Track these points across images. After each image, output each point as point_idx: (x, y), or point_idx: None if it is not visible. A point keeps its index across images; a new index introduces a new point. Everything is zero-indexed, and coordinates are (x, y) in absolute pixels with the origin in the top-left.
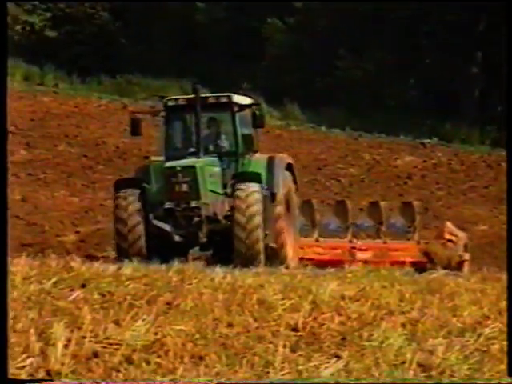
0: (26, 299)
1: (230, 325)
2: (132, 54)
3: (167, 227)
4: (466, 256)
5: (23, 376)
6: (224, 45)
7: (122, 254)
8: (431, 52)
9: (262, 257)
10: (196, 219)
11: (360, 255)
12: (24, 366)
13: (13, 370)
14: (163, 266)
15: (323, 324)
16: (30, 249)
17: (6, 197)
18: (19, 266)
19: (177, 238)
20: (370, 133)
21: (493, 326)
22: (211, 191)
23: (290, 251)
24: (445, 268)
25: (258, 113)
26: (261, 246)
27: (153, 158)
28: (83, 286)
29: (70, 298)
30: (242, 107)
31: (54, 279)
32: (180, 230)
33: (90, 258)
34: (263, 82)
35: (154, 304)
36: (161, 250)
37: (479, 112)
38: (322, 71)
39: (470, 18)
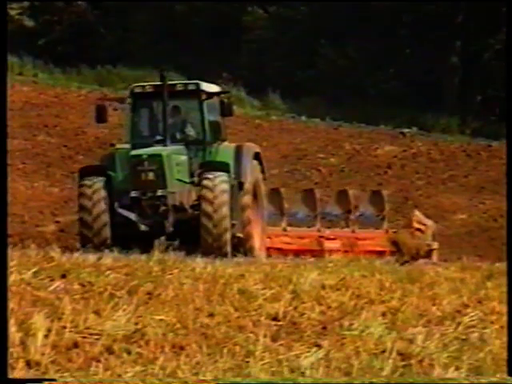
0: None
1: (210, 315)
2: (111, 44)
3: (133, 216)
4: (435, 245)
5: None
6: (204, 34)
7: (86, 243)
8: (411, 42)
9: (228, 247)
10: (162, 208)
11: (328, 244)
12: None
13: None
14: (143, 256)
15: (304, 313)
16: (9, 239)
17: (6, 197)
18: None
19: (142, 228)
20: (350, 123)
21: (472, 314)
22: (178, 180)
23: (256, 241)
24: (412, 257)
25: (226, 101)
26: (228, 236)
27: (118, 146)
28: (63, 276)
29: (50, 289)
30: (210, 95)
31: (33, 269)
32: (146, 220)
33: (70, 248)
34: (244, 72)
35: (135, 294)
36: (126, 239)
37: (459, 102)
38: (303, 61)
39: (449, 7)
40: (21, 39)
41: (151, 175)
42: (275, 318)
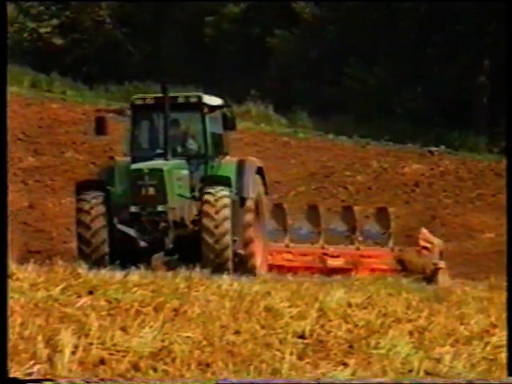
0: (33, 306)
1: (237, 332)
2: (139, 61)
3: (132, 232)
4: (442, 264)
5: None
6: (232, 52)
7: (84, 259)
8: (439, 61)
9: (230, 264)
10: (162, 224)
11: (331, 262)
12: (32, 373)
13: (21, 376)
14: (169, 273)
15: (330, 331)
16: (37, 255)
17: (7, 199)
18: (27, 273)
19: (142, 244)
20: (377, 141)
21: (500, 334)
22: (179, 195)
23: (258, 259)
24: (419, 276)
25: (229, 115)
26: (229, 252)
27: (118, 159)
28: (90, 292)
29: (78, 305)
30: (213, 108)
31: (61, 286)
32: (145, 236)
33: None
34: (271, 90)
35: (161, 311)
36: (124, 255)
37: (487, 120)
38: (330, 79)
39: (477, 27)
40: (50, 57)
41: (152, 190)
42: (302, 336)
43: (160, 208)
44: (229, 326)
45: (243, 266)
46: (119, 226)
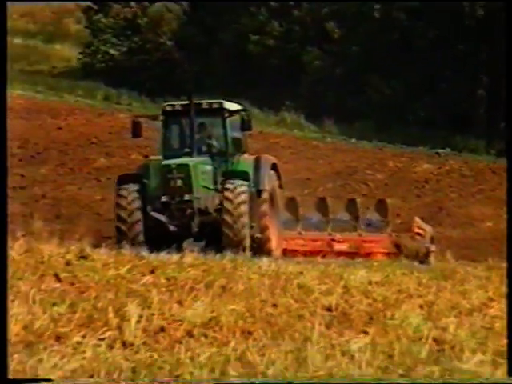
0: (105, 282)
1: (274, 305)
2: (193, 78)
3: (163, 218)
4: (432, 247)
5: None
6: (270, 69)
7: (121, 237)
8: (445, 76)
9: (247, 242)
10: (189, 211)
11: (338, 246)
12: (104, 338)
13: (94, 341)
14: (218, 256)
15: (353, 305)
16: (108, 241)
17: (6, 198)
18: (100, 255)
19: (171, 228)
20: (393, 144)
21: (497, 307)
22: (203, 187)
23: (273, 243)
24: (413, 258)
25: (246, 118)
26: (246, 232)
27: (152, 157)
28: (152, 272)
29: (141, 282)
30: (232, 113)
31: (128, 266)
32: (174, 221)
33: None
34: (303, 101)
35: (211, 287)
36: (156, 238)
37: (485, 126)
38: (353, 91)
39: (476, 48)
40: (119, 75)
41: (179, 182)
42: (329, 309)
43: (187, 197)
44: (267, 300)
45: (260, 249)
46: (152, 213)
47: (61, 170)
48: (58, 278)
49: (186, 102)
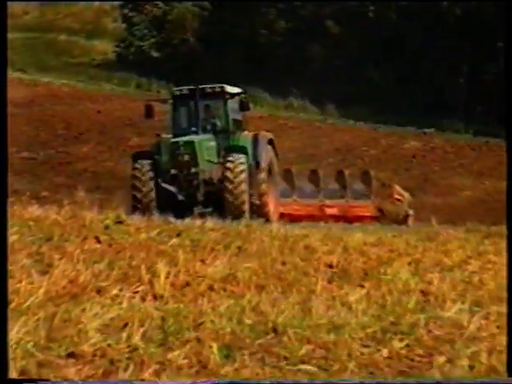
0: (137, 244)
1: (283, 263)
2: (212, 68)
3: (173, 189)
4: (411, 211)
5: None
6: (279, 61)
7: (136, 204)
8: (431, 67)
9: (246, 207)
10: (195, 182)
11: (328, 210)
12: (137, 291)
13: (129, 294)
14: (234, 222)
15: (351, 263)
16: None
17: (6, 198)
18: (133, 221)
19: (180, 197)
20: (385, 125)
21: (474, 263)
22: (207, 161)
23: (271, 208)
24: (393, 221)
25: (244, 100)
26: (245, 197)
27: (163, 136)
28: (178, 235)
29: (169, 244)
30: (232, 95)
31: (157, 230)
32: (183, 191)
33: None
34: (308, 88)
35: (229, 248)
36: (167, 206)
37: (465, 110)
38: (350, 80)
39: (459, 41)
40: (149, 66)
41: (186, 157)
42: (330, 266)
43: (193, 170)
44: (277, 259)
45: (259, 212)
46: (163, 185)
47: (100, 148)
48: (98, 240)
49: (192, 87)
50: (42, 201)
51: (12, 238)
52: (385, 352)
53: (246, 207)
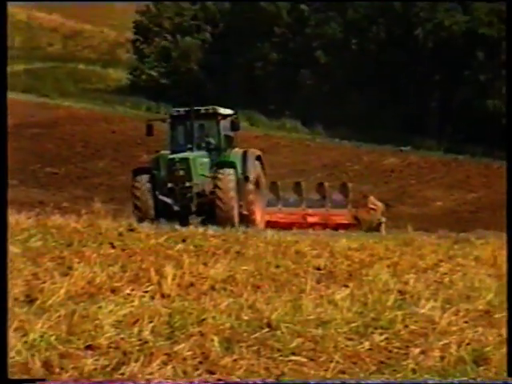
0: (147, 249)
1: (277, 266)
2: (214, 93)
3: (169, 200)
4: (383, 219)
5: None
6: (273, 87)
7: (137, 212)
8: (407, 92)
9: (236, 215)
10: (189, 195)
11: (310, 219)
12: (147, 291)
13: (140, 293)
14: (233, 229)
15: (337, 265)
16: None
17: (6, 198)
18: (143, 228)
19: (176, 208)
20: (367, 143)
21: (445, 266)
22: (201, 175)
23: (258, 217)
24: (368, 228)
25: (235, 120)
26: (234, 205)
27: (161, 152)
28: (183, 241)
29: (175, 249)
30: (224, 116)
31: (165, 236)
32: (178, 203)
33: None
34: (299, 111)
35: (228, 253)
36: (164, 216)
37: (437, 130)
38: (336, 104)
39: (430, 69)
40: (158, 91)
41: (182, 172)
42: (318, 269)
43: (187, 184)
44: (271, 262)
45: (247, 220)
46: (160, 197)
47: (114, 164)
48: (112, 246)
49: (188, 108)
50: (62, 211)
51: (37, 243)
52: (366, 344)
53: (236, 215)
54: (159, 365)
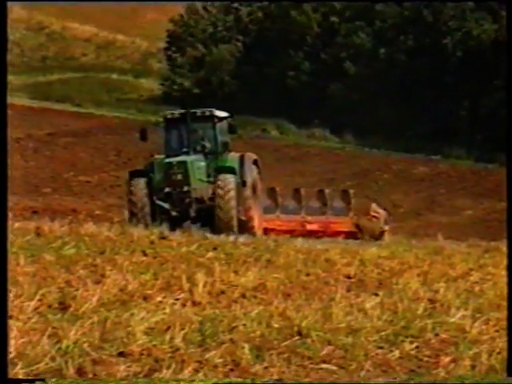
0: (179, 257)
1: (307, 274)
2: (245, 103)
3: (166, 205)
4: (386, 228)
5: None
6: (303, 96)
7: (133, 217)
8: (437, 101)
9: (235, 222)
10: (187, 200)
11: (309, 226)
12: (179, 299)
13: (171, 301)
14: (264, 237)
15: (367, 274)
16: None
17: (6, 198)
18: (175, 237)
19: (173, 213)
20: (396, 152)
21: (475, 275)
22: (199, 179)
23: (256, 223)
24: (370, 237)
25: (232, 123)
26: (234, 213)
27: (156, 156)
28: (214, 249)
29: (207, 257)
30: (221, 119)
31: (196, 244)
32: (176, 208)
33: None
34: (328, 120)
35: (259, 261)
36: (161, 221)
37: (467, 139)
38: (366, 113)
39: (460, 78)
40: (190, 101)
41: (179, 176)
42: (348, 277)
43: (185, 188)
44: (302, 270)
45: (245, 227)
46: (157, 202)
47: None
48: (144, 254)
49: (184, 111)
50: (95, 219)
51: (70, 251)
52: (397, 353)
53: (235, 222)
54: (190, 372)
